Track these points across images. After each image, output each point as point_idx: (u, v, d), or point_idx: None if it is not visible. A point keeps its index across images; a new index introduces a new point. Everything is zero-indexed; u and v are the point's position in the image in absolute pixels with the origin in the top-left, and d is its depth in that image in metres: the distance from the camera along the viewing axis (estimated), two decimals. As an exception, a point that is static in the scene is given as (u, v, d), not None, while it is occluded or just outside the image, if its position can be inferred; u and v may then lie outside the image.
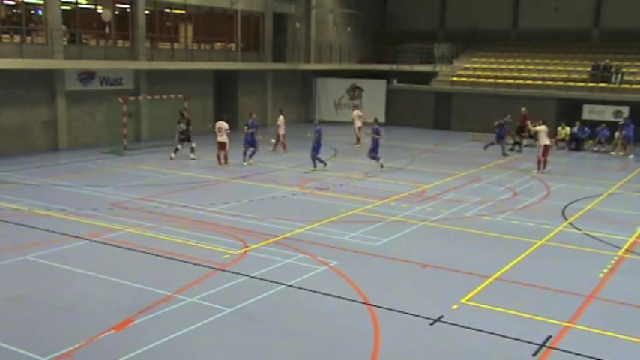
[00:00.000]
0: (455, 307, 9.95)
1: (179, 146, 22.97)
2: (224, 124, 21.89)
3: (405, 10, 41.73)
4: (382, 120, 37.38)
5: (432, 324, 9.33)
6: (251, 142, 22.48)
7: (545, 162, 22.23)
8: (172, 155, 22.80)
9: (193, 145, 23.11)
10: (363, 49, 41.20)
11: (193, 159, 22.88)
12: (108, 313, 9.37)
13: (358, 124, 28.59)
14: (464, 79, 36.25)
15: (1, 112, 23.05)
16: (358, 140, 28.34)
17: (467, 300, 10.26)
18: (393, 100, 37.59)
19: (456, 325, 9.29)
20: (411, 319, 9.50)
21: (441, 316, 9.54)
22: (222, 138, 21.69)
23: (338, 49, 38.85)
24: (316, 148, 21.83)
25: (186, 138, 23.03)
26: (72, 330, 8.79)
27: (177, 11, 30.21)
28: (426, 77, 37.47)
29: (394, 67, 38.18)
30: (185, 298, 9.97)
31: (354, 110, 30.51)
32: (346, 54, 39.49)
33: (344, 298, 10.20)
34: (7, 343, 8.27)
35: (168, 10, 29.75)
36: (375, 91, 38.05)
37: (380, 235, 13.96)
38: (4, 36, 23.47)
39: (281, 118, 25.53)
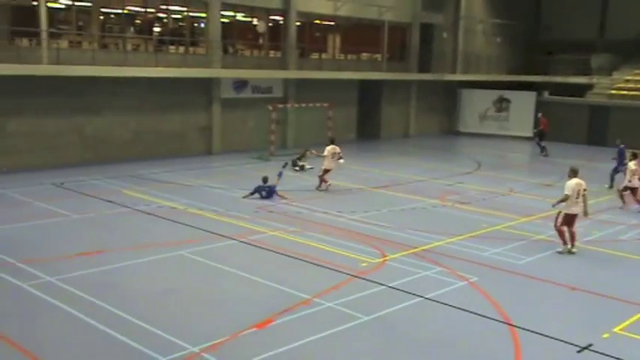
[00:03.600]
0: (606, 335, 9.31)
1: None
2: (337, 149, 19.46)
3: (560, 19, 39.74)
4: (530, 134, 35.91)
5: (579, 352, 8.80)
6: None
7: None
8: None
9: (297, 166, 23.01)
10: (512, 60, 39.84)
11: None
12: (251, 311, 9.82)
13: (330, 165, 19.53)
14: (624, 92, 33.81)
15: (164, 117, 24.98)
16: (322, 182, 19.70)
17: (620, 329, 9.55)
18: (542, 112, 35.88)
19: (607, 355, 8.69)
20: (556, 345, 9.02)
21: (590, 345, 8.97)
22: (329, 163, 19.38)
23: (485, 60, 37.86)
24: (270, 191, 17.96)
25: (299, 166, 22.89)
26: (218, 324, 9.31)
27: (327, 22, 31.04)
28: (581, 90, 35.42)
29: (546, 78, 36.49)
30: (323, 302, 10.19)
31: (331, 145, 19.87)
32: (494, 65, 38.38)
33: (483, 316, 9.92)
34: (161, 330, 8.95)
35: (318, 22, 30.65)
36: (523, 104, 36.58)
37: (524, 253, 13.41)
38: (171, 47, 25.45)
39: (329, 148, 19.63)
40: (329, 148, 19.45)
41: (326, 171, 19.47)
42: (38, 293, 10.19)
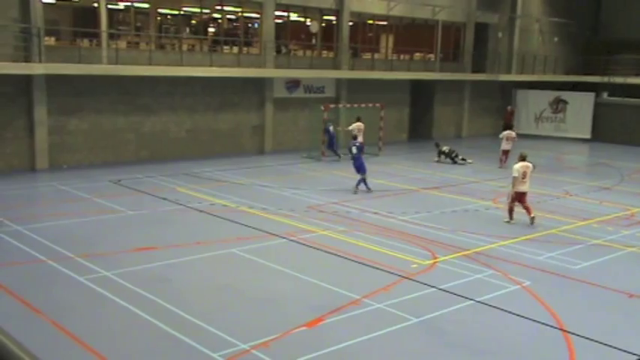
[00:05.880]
0: (665, 345, 9.01)
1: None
2: (361, 125, 24.30)
3: (620, 18, 38.52)
4: (588, 136, 34.90)
5: (636, 361, 8.55)
6: None
7: None
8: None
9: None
10: (569, 60, 38.81)
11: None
12: (301, 309, 9.88)
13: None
14: (688, 93, 32.57)
15: (218, 117, 25.38)
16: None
17: (680, 339, 9.23)
18: (601, 114, 34.91)
19: (666, 365, 8.41)
20: (612, 353, 8.77)
21: (648, 354, 8.70)
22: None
23: (542, 60, 37.01)
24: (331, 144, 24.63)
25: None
26: (268, 322, 9.41)
27: (380, 22, 30.91)
28: (642, 91, 34.30)
29: (605, 79, 35.42)
30: (373, 303, 10.17)
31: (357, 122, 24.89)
32: (551, 65, 37.49)
33: (536, 321, 9.71)
34: (212, 326, 9.10)
35: (370, 22, 30.57)
36: (581, 105, 35.64)
37: (579, 257, 13.07)
38: (225, 47, 25.83)
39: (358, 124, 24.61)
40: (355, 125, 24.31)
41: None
42: (95, 287, 10.51)
